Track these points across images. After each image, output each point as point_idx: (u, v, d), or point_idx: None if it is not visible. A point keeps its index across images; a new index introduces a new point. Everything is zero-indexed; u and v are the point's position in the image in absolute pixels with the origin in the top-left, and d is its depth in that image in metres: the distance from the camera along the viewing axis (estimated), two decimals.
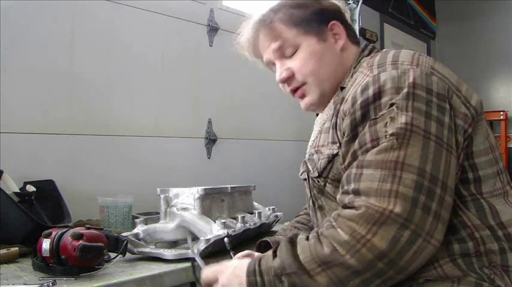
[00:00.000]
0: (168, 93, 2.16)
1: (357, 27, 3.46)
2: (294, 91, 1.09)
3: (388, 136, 0.80)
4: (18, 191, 1.45)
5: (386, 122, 0.82)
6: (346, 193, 0.83)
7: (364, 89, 0.87)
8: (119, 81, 1.97)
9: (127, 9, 1.99)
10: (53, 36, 1.76)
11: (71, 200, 1.58)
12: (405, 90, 0.83)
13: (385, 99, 0.84)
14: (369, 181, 0.79)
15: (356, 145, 0.85)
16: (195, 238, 1.28)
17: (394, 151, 0.79)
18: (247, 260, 0.88)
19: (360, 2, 3.42)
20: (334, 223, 0.79)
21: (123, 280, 1.04)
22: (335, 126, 0.96)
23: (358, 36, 1.14)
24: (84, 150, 1.83)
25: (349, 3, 3.41)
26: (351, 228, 0.76)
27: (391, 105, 0.83)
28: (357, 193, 0.80)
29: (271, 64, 1.11)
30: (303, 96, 1.08)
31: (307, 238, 0.82)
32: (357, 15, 3.44)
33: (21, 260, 1.22)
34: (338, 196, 0.85)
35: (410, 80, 0.84)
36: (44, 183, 1.56)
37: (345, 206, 0.82)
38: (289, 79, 1.07)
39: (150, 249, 1.25)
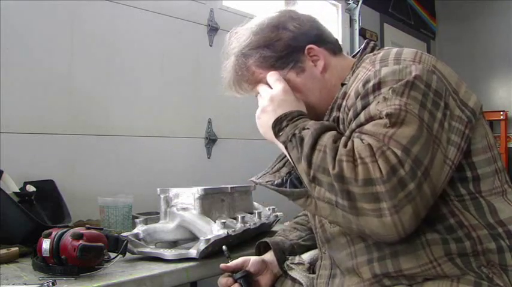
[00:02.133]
0: (168, 93, 2.16)
1: (357, 27, 3.47)
2: None
3: (383, 116, 0.81)
4: (18, 191, 1.45)
5: (378, 101, 0.83)
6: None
7: (366, 82, 0.88)
8: (119, 81, 1.97)
9: (127, 9, 1.99)
10: (53, 36, 1.76)
11: (71, 200, 1.58)
12: (405, 79, 0.84)
13: (385, 89, 0.85)
14: (366, 137, 0.81)
15: (353, 125, 0.86)
16: (195, 238, 1.29)
17: (387, 128, 0.79)
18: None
19: (360, 2, 3.42)
20: (350, 139, 0.83)
21: (123, 280, 1.04)
22: (337, 120, 0.96)
23: (340, 42, 1.12)
24: (84, 150, 1.83)
25: (349, 3, 3.42)
26: (351, 147, 0.80)
27: (388, 89, 0.84)
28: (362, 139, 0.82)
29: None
30: None
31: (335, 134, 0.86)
32: (357, 15, 3.45)
33: (21, 260, 1.22)
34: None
35: (413, 73, 0.85)
36: (44, 183, 1.56)
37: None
38: None
39: (150, 249, 1.25)
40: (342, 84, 1.01)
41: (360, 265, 0.90)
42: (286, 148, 0.89)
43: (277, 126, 0.93)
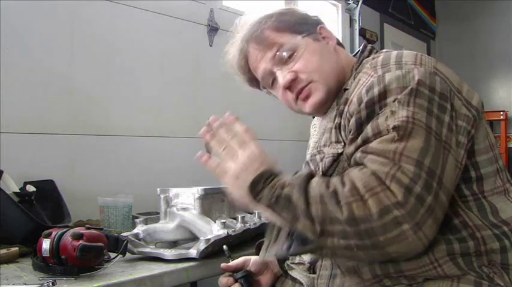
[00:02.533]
0: (168, 93, 2.16)
1: (357, 27, 3.47)
2: (299, 93, 1.04)
3: (390, 130, 0.80)
4: (18, 191, 1.45)
5: (387, 116, 0.82)
6: (356, 166, 0.83)
7: (369, 88, 0.87)
8: (119, 81, 1.97)
9: (127, 9, 1.99)
10: (53, 36, 1.76)
11: (71, 200, 1.58)
12: (409, 87, 0.84)
13: (390, 98, 0.84)
14: (371, 163, 0.79)
15: (359, 140, 0.85)
16: (195, 238, 1.29)
17: (395, 143, 0.79)
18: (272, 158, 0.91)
19: (360, 2, 3.42)
20: (344, 176, 0.81)
21: (123, 280, 1.04)
22: (338, 127, 0.95)
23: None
24: (84, 150, 1.83)
25: (349, 3, 3.42)
26: (353, 185, 0.77)
27: (394, 101, 0.83)
28: (364, 166, 0.80)
29: (267, 74, 1.07)
30: (307, 97, 1.04)
31: (320, 179, 0.83)
32: (357, 15, 3.45)
33: (21, 260, 1.22)
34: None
35: (416, 78, 0.85)
36: (44, 183, 1.56)
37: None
38: (293, 81, 1.02)
39: (150, 249, 1.25)
40: (344, 90, 1.00)
41: (361, 265, 0.90)
42: (272, 210, 0.84)
43: (254, 190, 0.86)
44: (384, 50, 1.01)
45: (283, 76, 1.03)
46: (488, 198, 0.88)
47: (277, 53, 1.03)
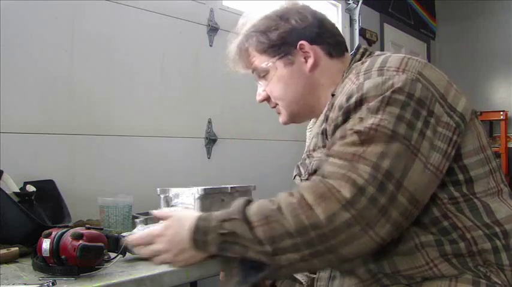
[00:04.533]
0: (168, 93, 2.15)
1: (357, 27, 3.47)
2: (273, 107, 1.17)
3: (353, 133, 0.82)
4: (18, 191, 1.45)
5: (354, 122, 0.84)
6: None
7: (349, 97, 0.89)
8: (119, 81, 1.97)
9: (127, 9, 1.99)
10: (53, 36, 1.76)
11: (71, 200, 1.58)
12: (384, 94, 0.84)
13: (364, 106, 0.86)
14: (329, 166, 0.82)
15: (329, 142, 0.89)
16: None
17: (356, 146, 0.81)
18: (195, 213, 0.92)
19: (360, 2, 3.42)
20: (294, 191, 0.82)
21: (123, 280, 1.04)
22: (325, 132, 0.97)
23: (344, 43, 1.14)
24: (84, 150, 1.83)
25: (349, 3, 3.42)
26: (301, 196, 0.79)
27: (367, 108, 0.85)
28: (321, 176, 0.82)
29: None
30: (279, 114, 1.16)
31: (263, 200, 0.85)
32: (357, 15, 3.45)
33: (21, 260, 1.22)
34: None
35: (394, 85, 0.85)
36: (44, 183, 1.56)
37: None
38: (265, 100, 1.16)
39: None
40: (332, 95, 1.01)
41: (357, 266, 0.91)
42: (226, 251, 0.85)
43: (199, 243, 0.88)
44: (376, 53, 1.02)
45: (258, 93, 1.16)
46: (482, 199, 0.88)
47: (255, 72, 1.14)
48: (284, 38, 1.08)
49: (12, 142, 1.60)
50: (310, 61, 1.07)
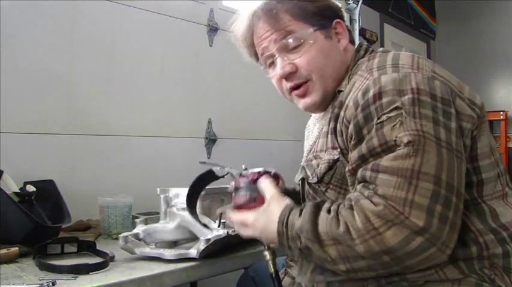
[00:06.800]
0: (168, 93, 2.15)
1: (357, 27, 3.47)
2: (295, 88, 1.02)
3: (403, 143, 0.78)
4: (18, 191, 1.45)
5: (394, 126, 0.80)
6: (366, 187, 0.81)
7: (365, 92, 0.86)
8: (119, 81, 1.97)
9: (127, 9, 1.99)
10: (53, 36, 1.76)
11: (71, 200, 1.58)
12: (409, 95, 0.82)
13: (386, 99, 0.83)
14: (385, 186, 0.78)
15: (364, 148, 0.83)
16: (195, 238, 1.28)
17: (410, 158, 0.77)
18: (279, 206, 0.90)
19: (360, 2, 3.42)
20: (354, 205, 0.79)
21: (123, 280, 1.04)
22: (334, 132, 0.93)
23: (354, 36, 1.12)
24: (84, 150, 1.83)
25: (349, 3, 3.41)
26: (367, 218, 0.76)
27: (396, 108, 0.81)
28: (376, 191, 0.78)
29: (266, 55, 1.04)
30: (304, 95, 1.01)
31: (329, 210, 0.83)
32: (357, 15, 3.44)
33: (21, 260, 1.22)
34: (358, 187, 0.83)
35: (414, 85, 0.83)
36: (44, 183, 1.56)
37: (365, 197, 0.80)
38: (291, 74, 1.00)
39: (150, 249, 1.24)
40: (338, 92, 0.98)
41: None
42: (307, 257, 0.89)
43: (284, 245, 0.89)
44: (380, 50, 1.01)
45: (282, 66, 1.00)
46: (487, 202, 0.87)
47: (283, 39, 0.99)
48: (324, 10, 1.02)
49: (12, 142, 1.60)
50: (344, 41, 1.04)
